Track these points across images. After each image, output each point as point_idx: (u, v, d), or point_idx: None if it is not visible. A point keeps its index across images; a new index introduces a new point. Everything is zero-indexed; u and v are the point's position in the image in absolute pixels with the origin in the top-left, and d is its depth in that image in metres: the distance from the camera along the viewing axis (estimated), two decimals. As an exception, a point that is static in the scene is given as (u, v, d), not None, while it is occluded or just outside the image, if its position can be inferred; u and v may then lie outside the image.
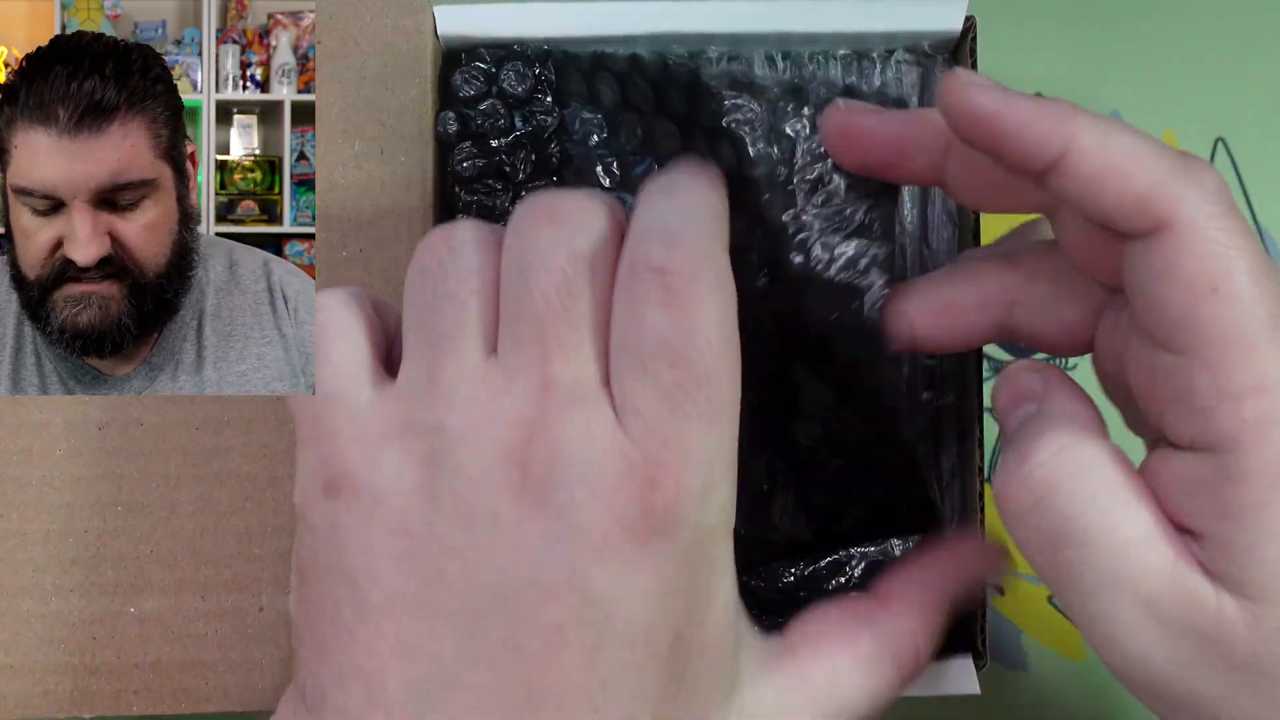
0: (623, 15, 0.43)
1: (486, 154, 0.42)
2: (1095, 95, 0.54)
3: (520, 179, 0.42)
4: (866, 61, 0.45)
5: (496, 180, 0.42)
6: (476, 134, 0.42)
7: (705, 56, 0.45)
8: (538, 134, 0.42)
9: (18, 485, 0.42)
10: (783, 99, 0.40)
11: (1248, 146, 0.54)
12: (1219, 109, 0.54)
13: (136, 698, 0.41)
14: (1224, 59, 0.55)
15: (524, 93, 0.42)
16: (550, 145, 0.42)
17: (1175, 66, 0.55)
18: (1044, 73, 0.55)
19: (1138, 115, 0.54)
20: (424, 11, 0.43)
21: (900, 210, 0.45)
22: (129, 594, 0.42)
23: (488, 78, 0.42)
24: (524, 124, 0.42)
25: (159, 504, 0.42)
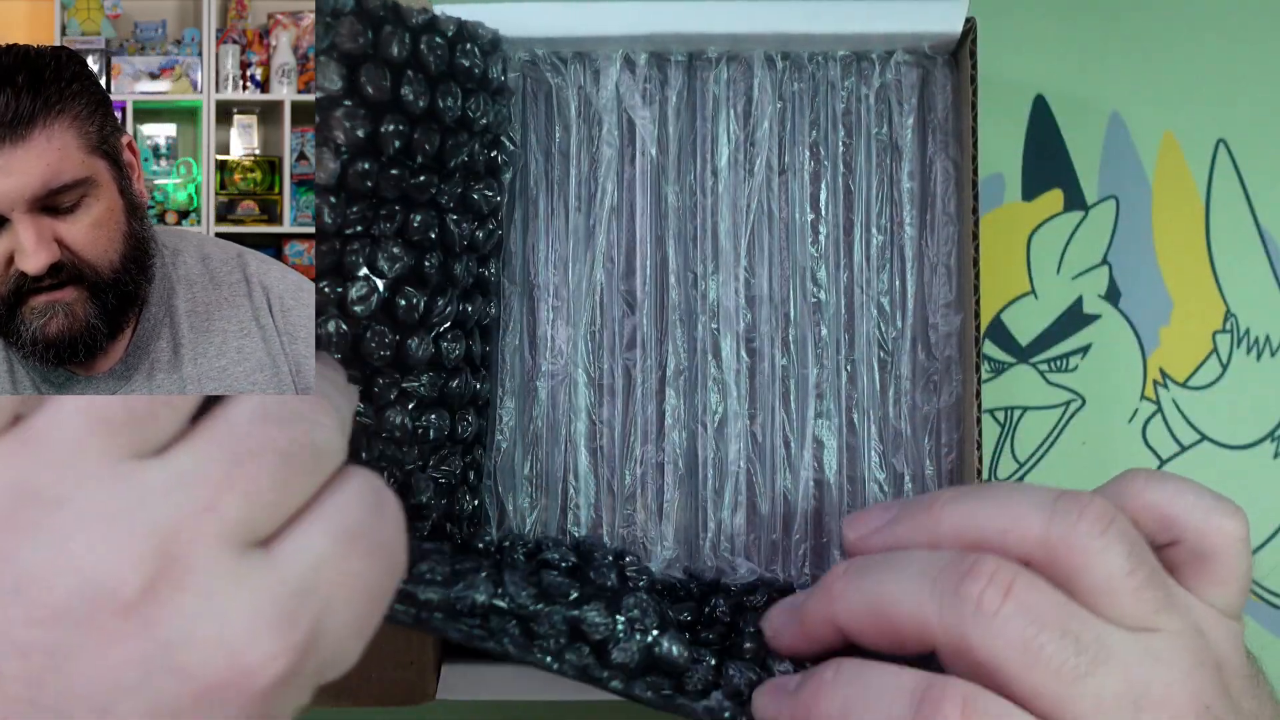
0: (623, 15, 0.43)
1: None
2: (1095, 95, 0.54)
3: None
4: (866, 63, 0.45)
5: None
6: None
7: (705, 57, 0.45)
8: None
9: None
10: None
11: (1248, 147, 0.54)
12: (1219, 109, 0.54)
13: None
14: (1224, 59, 0.54)
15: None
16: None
17: (1175, 66, 0.55)
18: (1044, 73, 0.55)
19: (1138, 115, 0.54)
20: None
21: (901, 210, 0.45)
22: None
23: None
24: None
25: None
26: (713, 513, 0.44)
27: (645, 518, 0.44)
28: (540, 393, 0.45)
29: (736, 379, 0.44)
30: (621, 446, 0.45)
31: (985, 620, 0.29)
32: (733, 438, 0.44)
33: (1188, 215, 0.54)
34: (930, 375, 0.45)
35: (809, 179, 0.45)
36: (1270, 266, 0.54)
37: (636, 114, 0.45)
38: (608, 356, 0.45)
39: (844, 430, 0.45)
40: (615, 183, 0.45)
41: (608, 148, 0.45)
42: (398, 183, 0.38)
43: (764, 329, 0.45)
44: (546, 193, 0.45)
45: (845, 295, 0.45)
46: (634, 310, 0.45)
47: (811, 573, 0.44)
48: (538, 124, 0.45)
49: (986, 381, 0.53)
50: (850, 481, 0.45)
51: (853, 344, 0.45)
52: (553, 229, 0.45)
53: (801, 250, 0.45)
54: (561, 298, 0.45)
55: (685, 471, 0.45)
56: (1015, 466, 0.53)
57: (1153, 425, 0.53)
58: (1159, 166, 0.54)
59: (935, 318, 0.45)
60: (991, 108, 0.54)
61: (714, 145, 0.45)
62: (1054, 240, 0.54)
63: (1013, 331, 0.54)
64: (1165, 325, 0.54)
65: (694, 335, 0.45)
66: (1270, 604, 0.53)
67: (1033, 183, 0.54)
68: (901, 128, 0.45)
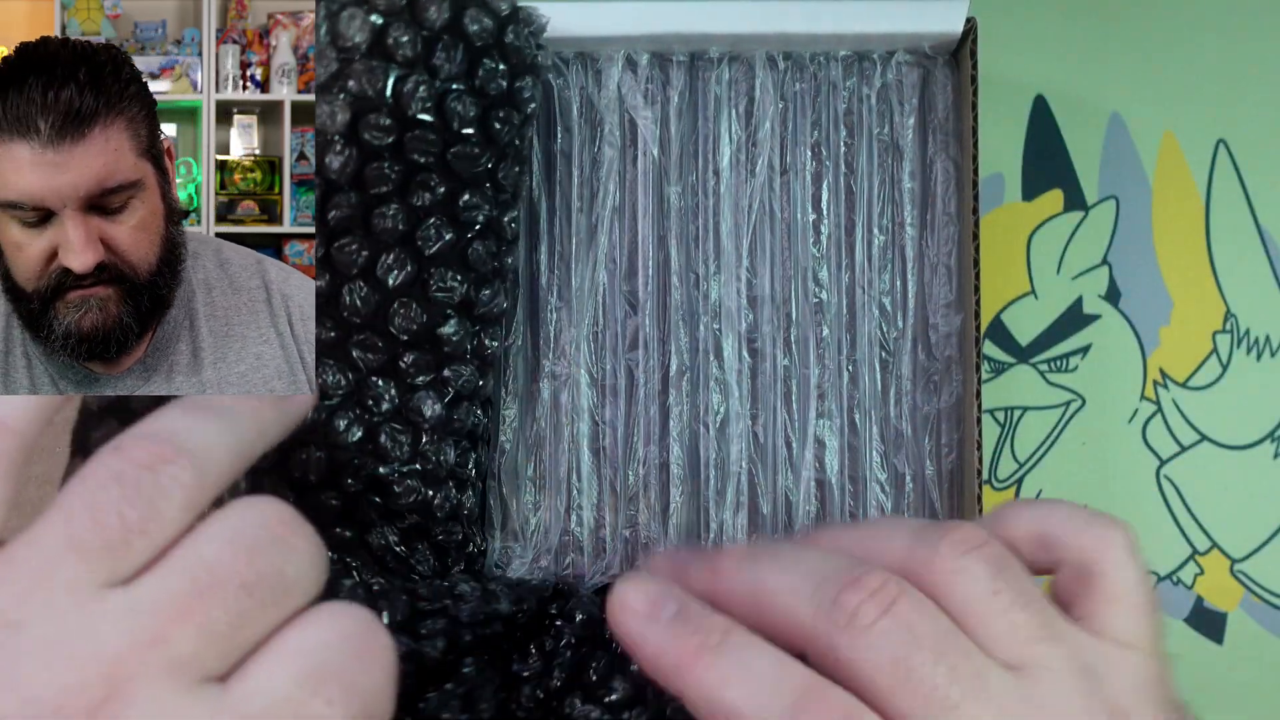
0: (625, 15, 0.43)
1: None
2: (1095, 95, 0.55)
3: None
4: (867, 63, 0.45)
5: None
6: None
7: (706, 57, 0.45)
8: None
9: (16, 484, 0.42)
10: None
11: (1248, 147, 0.54)
12: (1219, 109, 0.54)
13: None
14: (1224, 59, 0.55)
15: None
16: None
17: (1175, 66, 0.55)
18: (1044, 73, 0.55)
19: (1138, 115, 0.54)
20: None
21: (901, 209, 0.45)
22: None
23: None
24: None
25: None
26: (715, 513, 0.44)
27: (648, 518, 0.44)
28: (543, 394, 0.45)
29: (738, 379, 0.44)
30: (624, 447, 0.45)
31: (858, 633, 0.28)
32: (734, 438, 0.44)
33: (1188, 215, 0.54)
34: (931, 375, 0.45)
35: (810, 179, 0.45)
36: (1270, 266, 0.54)
37: (638, 114, 0.45)
38: (610, 357, 0.45)
39: (845, 430, 0.45)
40: (617, 183, 0.45)
41: (609, 148, 0.45)
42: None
43: (766, 329, 0.45)
44: (548, 193, 0.45)
45: (847, 295, 0.45)
46: (636, 311, 0.45)
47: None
48: (539, 124, 0.45)
49: (987, 382, 0.54)
50: (852, 482, 0.45)
51: (854, 344, 0.45)
52: (555, 229, 0.45)
53: (803, 250, 0.45)
54: (564, 298, 0.45)
55: (687, 472, 0.45)
56: (1015, 466, 0.53)
57: (1153, 425, 0.54)
58: (1159, 166, 0.54)
59: (936, 318, 0.45)
60: (992, 108, 0.54)
61: (716, 145, 0.45)
62: (1054, 240, 0.54)
63: (1013, 331, 0.54)
64: (1165, 325, 0.54)
65: (696, 335, 0.45)
66: (1270, 604, 0.53)
67: (1033, 183, 0.54)
68: (902, 128, 0.45)
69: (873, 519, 0.44)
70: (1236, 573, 0.53)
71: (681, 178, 0.45)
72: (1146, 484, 0.53)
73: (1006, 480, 0.54)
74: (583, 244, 0.45)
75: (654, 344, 0.45)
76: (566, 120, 0.45)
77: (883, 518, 0.45)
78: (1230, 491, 0.53)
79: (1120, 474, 0.53)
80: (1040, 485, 0.53)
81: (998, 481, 0.54)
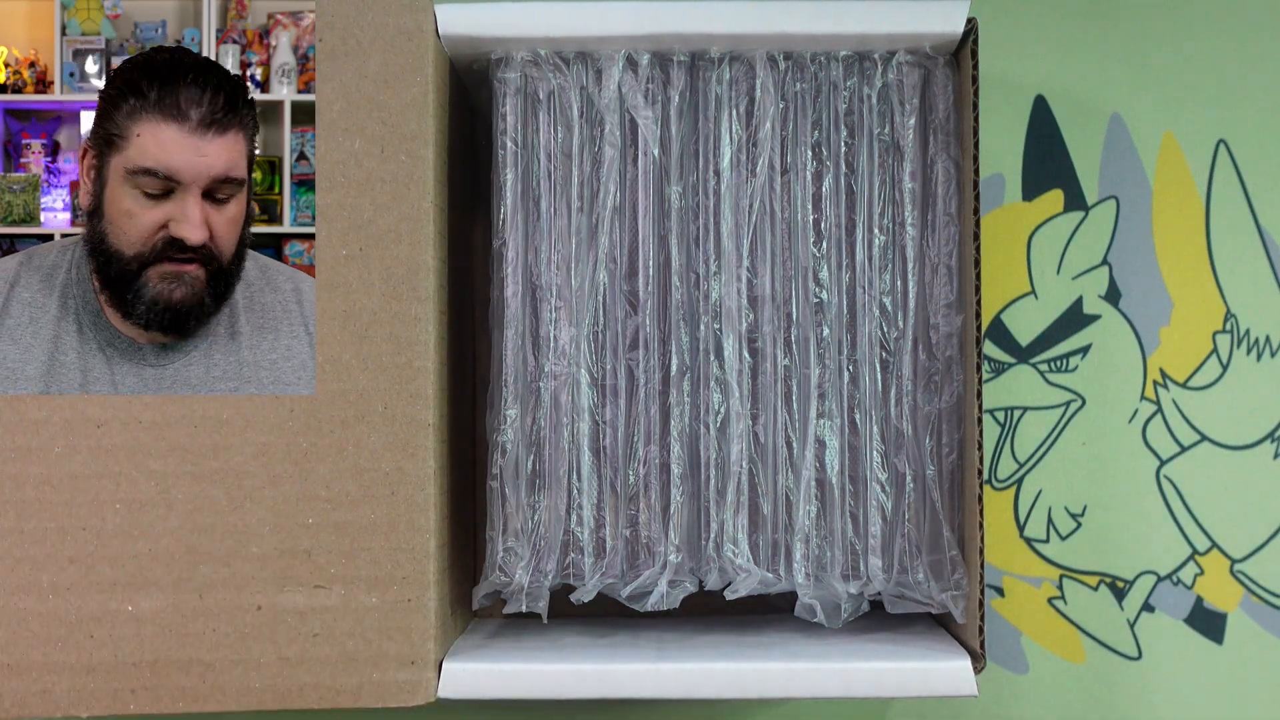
0: (625, 15, 0.43)
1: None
2: (1095, 96, 0.55)
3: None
4: (868, 63, 0.45)
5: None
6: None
7: (707, 57, 0.45)
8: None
9: (15, 483, 0.42)
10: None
11: (1248, 147, 0.54)
12: (1219, 109, 0.54)
13: (134, 696, 0.41)
14: (1224, 59, 0.55)
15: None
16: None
17: (1175, 67, 0.55)
18: (1044, 73, 0.55)
19: (1138, 116, 0.54)
20: (425, 11, 0.43)
21: (902, 209, 0.45)
22: (126, 592, 0.42)
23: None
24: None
25: (156, 502, 0.42)
26: (715, 513, 0.44)
27: (648, 518, 0.44)
28: (544, 393, 0.45)
29: (739, 379, 0.44)
30: (624, 447, 0.45)
31: None
32: (735, 438, 0.44)
33: (1188, 215, 0.54)
34: (931, 375, 0.45)
35: (811, 179, 0.45)
36: (1270, 266, 0.54)
37: (639, 114, 0.45)
38: (610, 357, 0.45)
39: (846, 430, 0.45)
40: (618, 183, 0.45)
41: (610, 148, 0.45)
42: None
43: (766, 329, 0.45)
44: (549, 193, 0.45)
45: (847, 295, 0.45)
46: (636, 310, 0.45)
47: (814, 574, 0.44)
48: (540, 124, 0.45)
49: (987, 381, 0.54)
50: (852, 482, 0.45)
51: (855, 344, 0.45)
52: (555, 229, 0.45)
53: (804, 250, 0.45)
54: (564, 298, 0.45)
55: (688, 472, 0.45)
56: (1015, 466, 0.53)
57: (1153, 425, 0.54)
58: (1159, 167, 0.54)
59: (936, 318, 0.45)
60: (992, 108, 0.54)
61: (716, 145, 0.45)
62: (1054, 240, 0.54)
63: (1013, 332, 0.54)
64: (1165, 325, 0.54)
65: (696, 335, 0.45)
66: (1270, 604, 0.53)
67: (1033, 183, 0.54)
68: (903, 128, 0.45)
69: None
70: (1236, 573, 0.53)
71: (682, 178, 0.45)
72: (1146, 484, 0.53)
73: (1006, 480, 0.54)
74: (583, 244, 0.45)
75: (654, 344, 0.45)
76: (567, 120, 0.45)
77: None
78: (1230, 492, 0.53)
79: (1120, 474, 0.53)
80: (1040, 485, 0.53)
81: (998, 481, 0.54)
